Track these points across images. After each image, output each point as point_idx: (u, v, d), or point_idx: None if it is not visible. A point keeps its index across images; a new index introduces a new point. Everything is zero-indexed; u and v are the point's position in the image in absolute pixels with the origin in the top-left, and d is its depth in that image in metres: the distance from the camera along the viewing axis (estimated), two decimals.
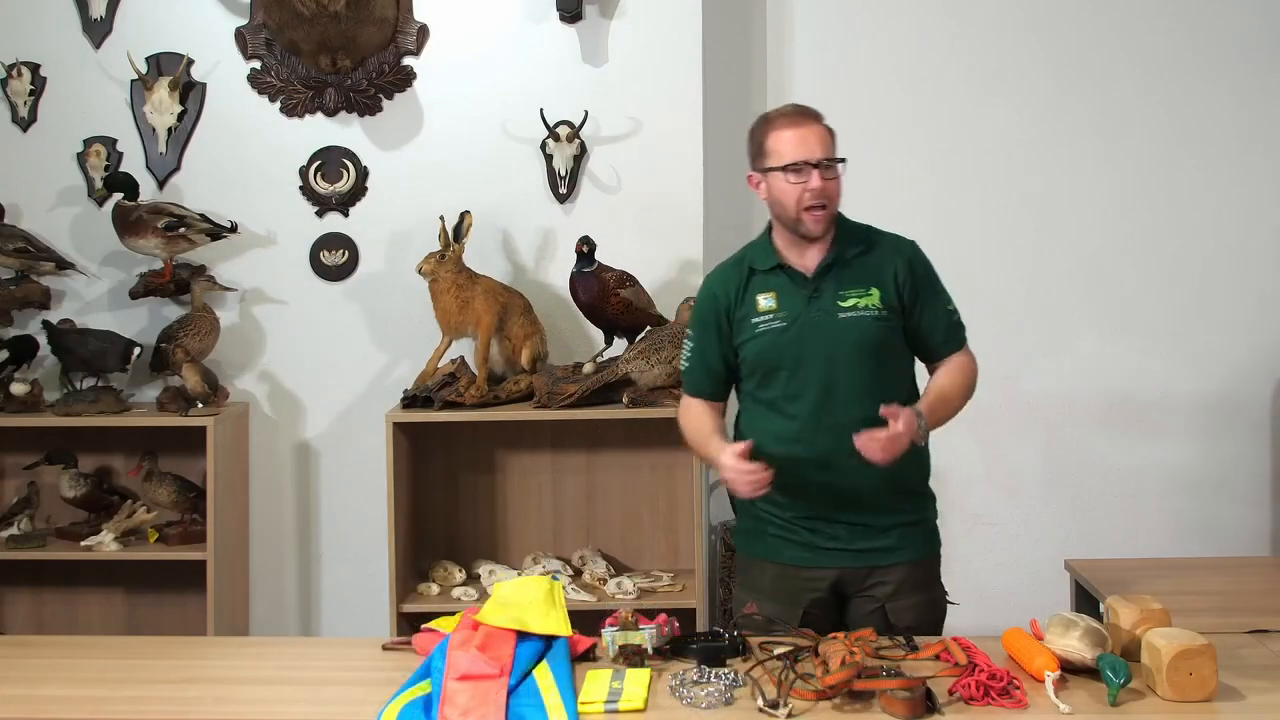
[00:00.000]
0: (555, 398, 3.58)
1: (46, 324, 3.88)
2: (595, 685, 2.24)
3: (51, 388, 3.92)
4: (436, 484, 3.88)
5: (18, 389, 3.81)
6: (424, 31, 3.92)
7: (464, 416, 3.63)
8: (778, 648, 2.38)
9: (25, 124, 3.97)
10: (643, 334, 3.65)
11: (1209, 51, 4.03)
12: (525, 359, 3.71)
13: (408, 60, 3.93)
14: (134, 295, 3.93)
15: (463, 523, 3.90)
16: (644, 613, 2.43)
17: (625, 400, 3.58)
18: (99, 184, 3.92)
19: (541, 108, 3.83)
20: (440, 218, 3.66)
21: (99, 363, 3.80)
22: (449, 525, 3.89)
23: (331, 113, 3.93)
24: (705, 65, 3.88)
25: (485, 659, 2.25)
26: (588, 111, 3.83)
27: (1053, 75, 4.05)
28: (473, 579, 3.75)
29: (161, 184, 3.97)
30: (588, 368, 3.65)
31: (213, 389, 3.76)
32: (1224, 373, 4.06)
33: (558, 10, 3.82)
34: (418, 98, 3.94)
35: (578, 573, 3.74)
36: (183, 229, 3.80)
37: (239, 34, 3.94)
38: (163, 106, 3.92)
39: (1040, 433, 4.08)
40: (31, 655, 2.57)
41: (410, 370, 3.86)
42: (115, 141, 3.97)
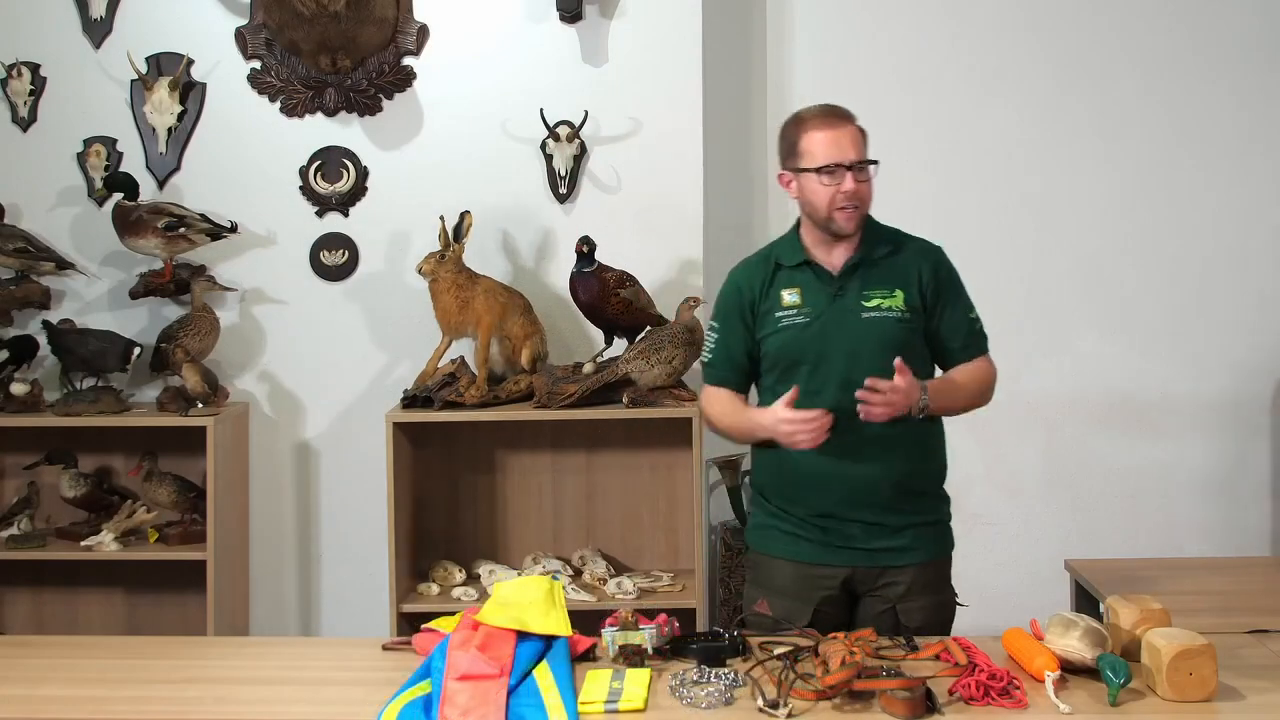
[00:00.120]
0: (555, 398, 3.58)
1: (46, 324, 3.88)
2: (595, 685, 2.24)
3: (51, 388, 3.92)
4: (436, 484, 3.88)
5: (18, 389, 3.81)
6: (424, 31, 3.92)
7: (464, 416, 3.63)
8: (778, 648, 2.38)
9: (25, 124, 3.97)
10: (643, 334, 3.65)
11: (1209, 51, 4.03)
12: (525, 359, 3.71)
13: (408, 60, 3.93)
14: (134, 295, 3.93)
15: (463, 523, 3.90)
16: (644, 613, 2.43)
17: (625, 400, 3.58)
18: (99, 184, 3.92)
19: (541, 108, 3.83)
20: (440, 218, 3.66)
21: (99, 363, 3.80)
22: (449, 525, 3.89)
23: (331, 113, 3.93)
24: (705, 65, 3.88)
25: (485, 659, 2.25)
26: (588, 111, 3.83)
27: (1053, 75, 4.05)
28: (473, 579, 3.75)
29: (161, 184, 3.97)
30: (588, 368, 3.65)
31: (213, 389, 3.76)
32: (1224, 373, 4.06)
33: (558, 10, 3.82)
34: (418, 98, 3.94)
35: (578, 573, 3.74)
36: (183, 229, 3.80)
37: (239, 34, 3.94)
38: (163, 106, 3.92)
39: (1040, 433, 4.08)
40: (31, 655, 2.57)
41: (410, 370, 3.86)
42: (115, 141, 3.97)
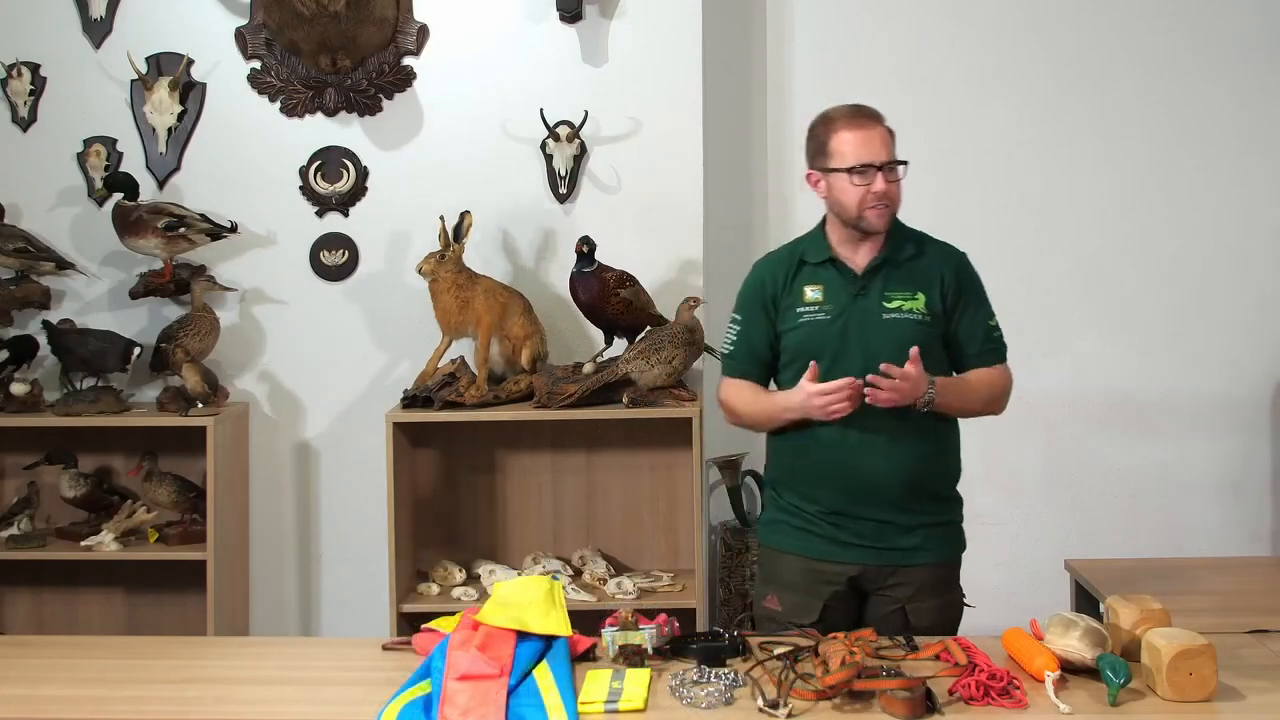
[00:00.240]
0: (555, 398, 3.58)
1: (46, 324, 3.88)
2: (595, 685, 2.24)
3: (51, 388, 3.92)
4: (436, 484, 3.88)
5: (18, 389, 3.81)
6: (424, 31, 3.92)
7: (464, 416, 3.63)
8: (778, 648, 2.39)
9: (25, 124, 3.97)
10: (643, 334, 3.65)
11: (1209, 51, 4.03)
12: (525, 359, 3.71)
13: (408, 60, 3.93)
14: (134, 295, 3.93)
15: (463, 523, 3.90)
16: (644, 613, 2.43)
17: (625, 400, 3.57)
18: (99, 184, 3.92)
19: (541, 108, 3.83)
20: (440, 218, 3.66)
21: (99, 363, 3.80)
22: (449, 525, 3.89)
23: (331, 113, 3.93)
24: (705, 65, 3.88)
25: (485, 659, 2.25)
26: (588, 111, 3.83)
27: (1053, 75, 4.05)
28: (473, 579, 3.75)
29: (161, 184, 3.97)
30: (588, 368, 3.65)
31: (213, 389, 3.76)
32: (1224, 373, 4.06)
33: (558, 10, 3.82)
34: (418, 98, 3.94)
35: (578, 573, 3.74)
36: (183, 229, 3.80)
37: (239, 34, 3.94)
38: (163, 106, 3.92)
39: (1040, 433, 4.08)
40: (31, 655, 2.57)
41: (410, 370, 3.86)
42: (115, 141, 3.97)
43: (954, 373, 2.75)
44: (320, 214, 3.97)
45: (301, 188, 3.96)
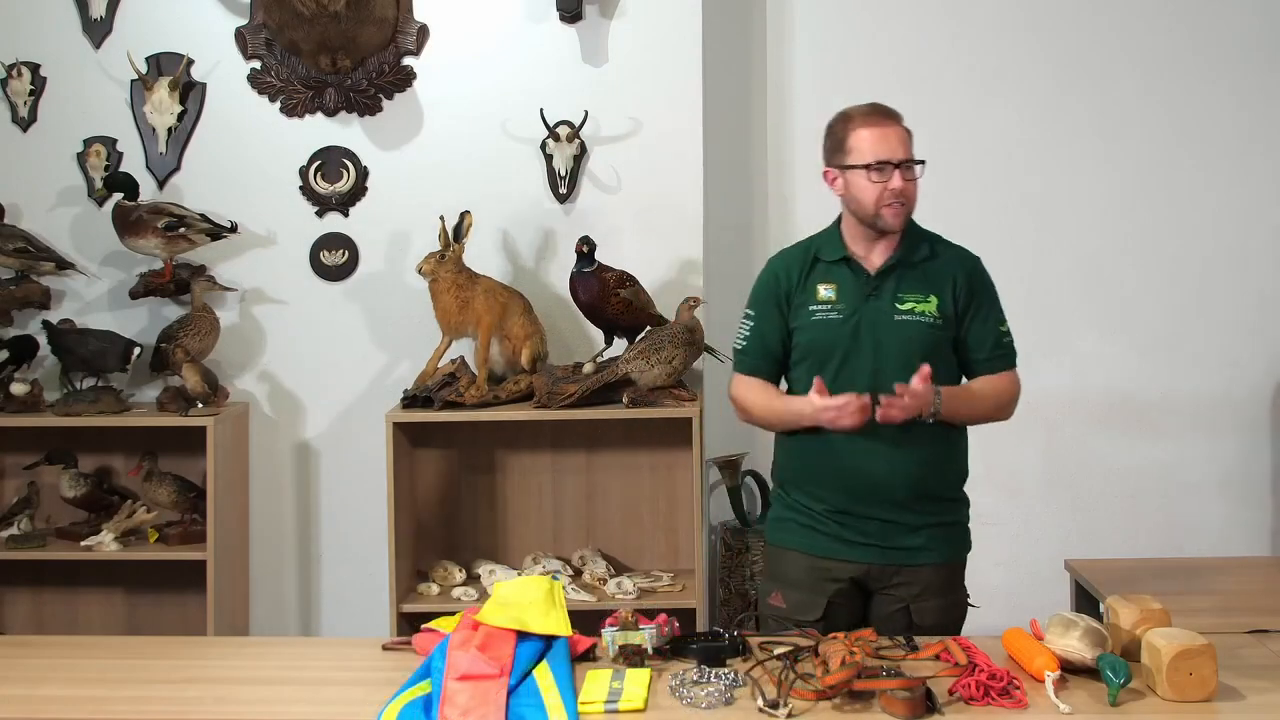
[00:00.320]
0: (555, 398, 3.58)
1: (46, 324, 3.88)
2: (595, 685, 2.24)
3: (51, 388, 3.92)
4: (436, 484, 3.88)
5: (18, 389, 3.81)
6: (424, 31, 3.92)
7: (464, 416, 3.63)
8: (778, 648, 2.39)
9: (25, 124, 3.97)
10: (643, 334, 3.65)
11: (1209, 51, 4.03)
12: (525, 359, 3.71)
13: (408, 60, 3.93)
14: (134, 295, 3.93)
15: (463, 523, 3.90)
16: (644, 613, 2.43)
17: (625, 400, 3.57)
18: (99, 184, 3.92)
19: (541, 108, 3.83)
20: (440, 218, 3.66)
21: (99, 363, 3.80)
22: (449, 525, 3.89)
23: (331, 113, 3.93)
24: (705, 65, 3.88)
25: (485, 659, 2.25)
26: (588, 111, 3.83)
27: (1053, 75, 4.05)
28: (473, 579, 3.75)
29: (161, 184, 3.97)
30: (588, 368, 3.65)
31: (213, 389, 3.76)
32: (1224, 373, 4.06)
33: (558, 10, 3.82)
34: (418, 98, 3.94)
35: (578, 573, 3.74)
36: (183, 229, 3.80)
37: (239, 34, 3.94)
38: (163, 106, 3.92)
39: (1040, 433, 4.07)
40: (31, 655, 2.57)
41: (410, 370, 3.86)
42: (115, 141, 3.97)
43: (962, 376, 2.76)
44: (320, 214, 3.96)
45: (301, 188, 3.96)
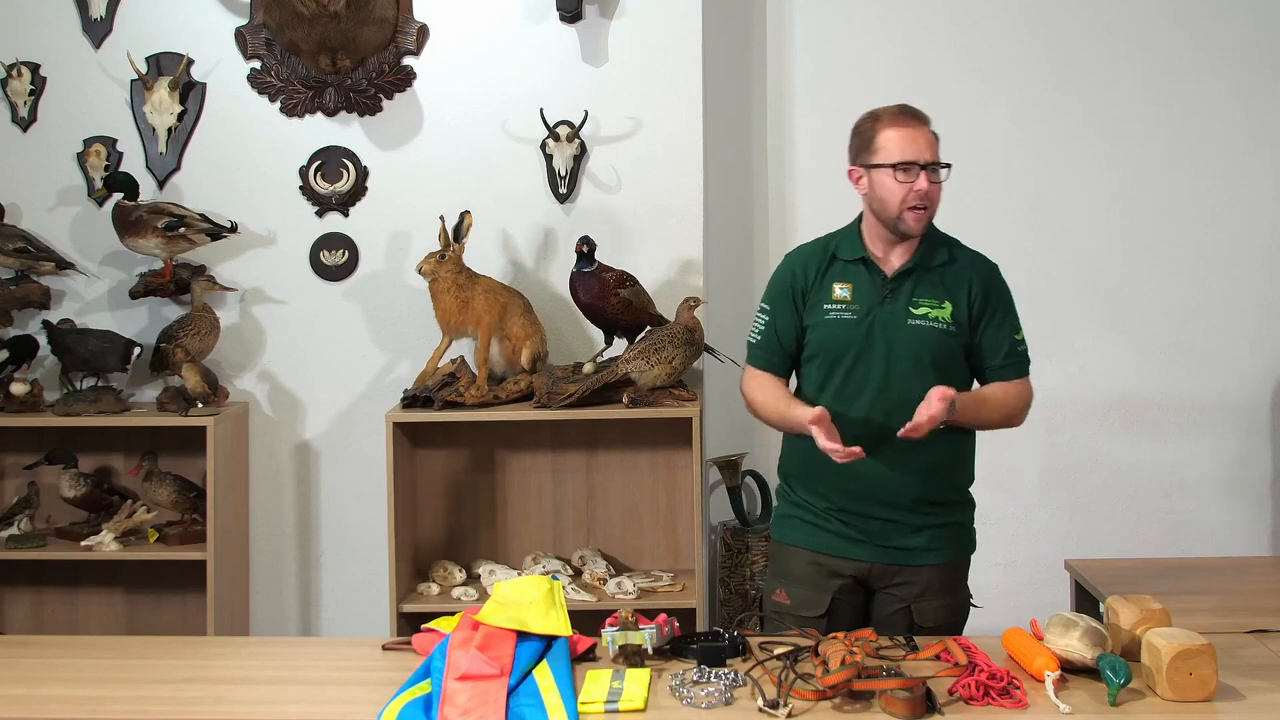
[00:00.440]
0: (555, 398, 3.58)
1: (46, 324, 3.88)
2: (595, 685, 2.25)
3: (51, 388, 3.92)
4: (436, 484, 3.88)
5: (18, 389, 3.81)
6: (424, 31, 3.92)
7: (464, 416, 3.63)
8: (778, 648, 2.39)
9: (25, 124, 3.97)
10: (643, 334, 3.65)
11: (1208, 51, 4.03)
12: (525, 359, 3.71)
13: (408, 60, 3.93)
14: (134, 295, 3.93)
15: (463, 523, 3.90)
16: (644, 613, 2.43)
17: (625, 400, 3.57)
18: (99, 184, 3.92)
19: (541, 108, 3.83)
20: (440, 218, 3.66)
21: (99, 363, 3.80)
22: (449, 525, 3.89)
23: (331, 113, 3.93)
24: (705, 65, 3.88)
25: (485, 659, 2.25)
26: (588, 111, 3.83)
27: (1053, 75, 4.05)
28: (473, 579, 3.75)
29: (161, 184, 3.97)
30: (588, 368, 3.65)
31: (213, 389, 3.76)
32: (1224, 373, 4.06)
33: (558, 10, 3.82)
34: (418, 98, 3.94)
35: (578, 573, 3.74)
36: (183, 229, 3.80)
37: (239, 34, 3.94)
38: (163, 106, 3.92)
39: (1040, 432, 4.07)
40: (31, 655, 2.57)
41: (410, 370, 3.86)
42: (115, 141, 3.97)
43: (974, 381, 2.76)
44: (320, 214, 3.97)
45: (301, 188, 3.96)
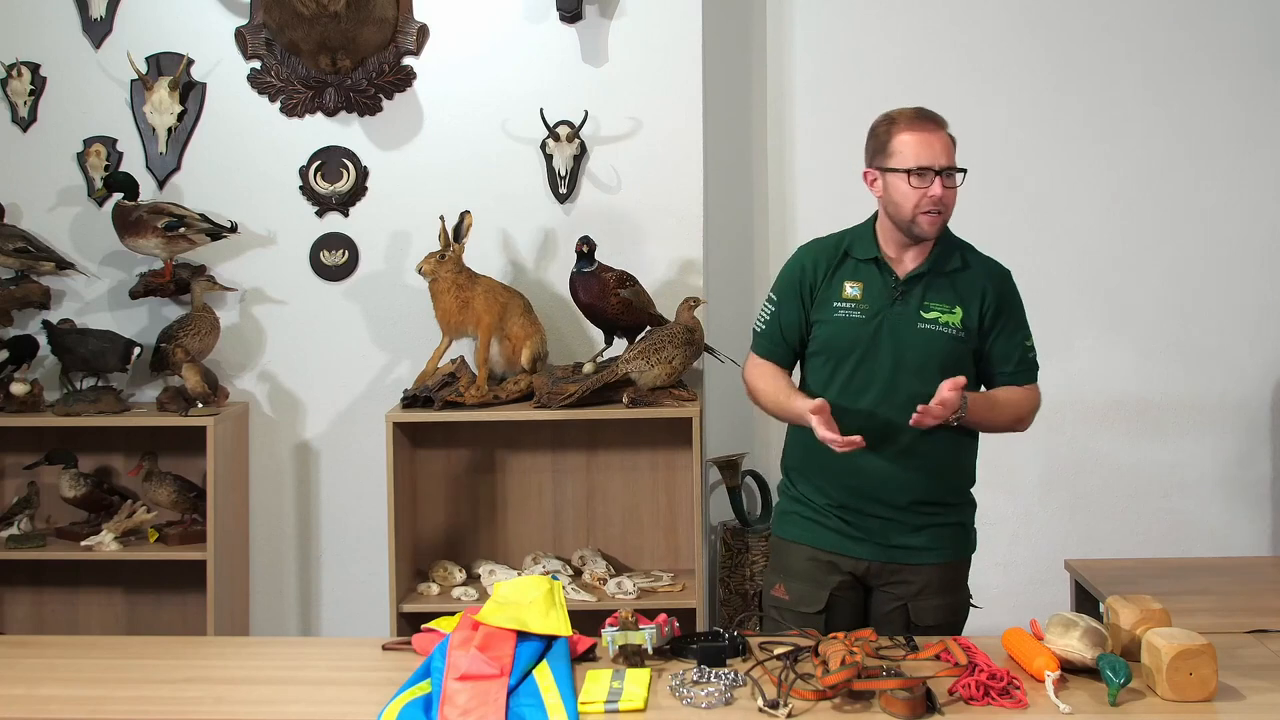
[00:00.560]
0: (555, 398, 3.58)
1: (46, 324, 3.88)
2: (595, 685, 2.25)
3: (51, 388, 3.92)
4: (436, 484, 3.88)
5: (18, 389, 3.80)
6: (424, 31, 3.92)
7: (464, 416, 3.63)
8: (778, 648, 2.39)
9: (25, 124, 3.97)
10: (643, 334, 3.65)
11: (1209, 51, 4.03)
12: (525, 359, 3.71)
13: (408, 60, 3.93)
14: (134, 295, 3.93)
15: (463, 523, 3.90)
16: (644, 613, 2.43)
17: (625, 400, 3.57)
18: (99, 184, 3.92)
19: (541, 108, 3.83)
20: (440, 218, 3.66)
21: (99, 363, 3.80)
22: (449, 525, 3.89)
23: (331, 113, 3.93)
24: (705, 65, 3.88)
25: (485, 659, 2.25)
26: (588, 111, 3.83)
27: (1053, 75, 4.05)
28: (473, 579, 3.75)
29: (161, 184, 3.97)
30: (588, 368, 3.65)
31: (213, 389, 3.76)
32: (1224, 373, 4.06)
33: (558, 10, 3.82)
34: (418, 98, 3.94)
35: (578, 573, 3.74)
36: (183, 229, 3.80)
37: (239, 34, 3.94)
38: (163, 106, 3.92)
39: (1040, 433, 4.04)
40: (31, 655, 2.57)
41: (410, 370, 3.86)
42: (115, 141, 3.97)
43: (982, 386, 2.76)
44: (320, 214, 3.97)
45: (301, 188, 3.96)
